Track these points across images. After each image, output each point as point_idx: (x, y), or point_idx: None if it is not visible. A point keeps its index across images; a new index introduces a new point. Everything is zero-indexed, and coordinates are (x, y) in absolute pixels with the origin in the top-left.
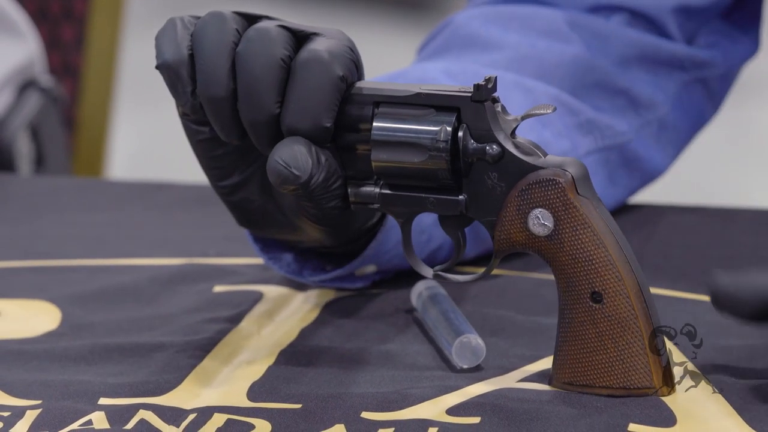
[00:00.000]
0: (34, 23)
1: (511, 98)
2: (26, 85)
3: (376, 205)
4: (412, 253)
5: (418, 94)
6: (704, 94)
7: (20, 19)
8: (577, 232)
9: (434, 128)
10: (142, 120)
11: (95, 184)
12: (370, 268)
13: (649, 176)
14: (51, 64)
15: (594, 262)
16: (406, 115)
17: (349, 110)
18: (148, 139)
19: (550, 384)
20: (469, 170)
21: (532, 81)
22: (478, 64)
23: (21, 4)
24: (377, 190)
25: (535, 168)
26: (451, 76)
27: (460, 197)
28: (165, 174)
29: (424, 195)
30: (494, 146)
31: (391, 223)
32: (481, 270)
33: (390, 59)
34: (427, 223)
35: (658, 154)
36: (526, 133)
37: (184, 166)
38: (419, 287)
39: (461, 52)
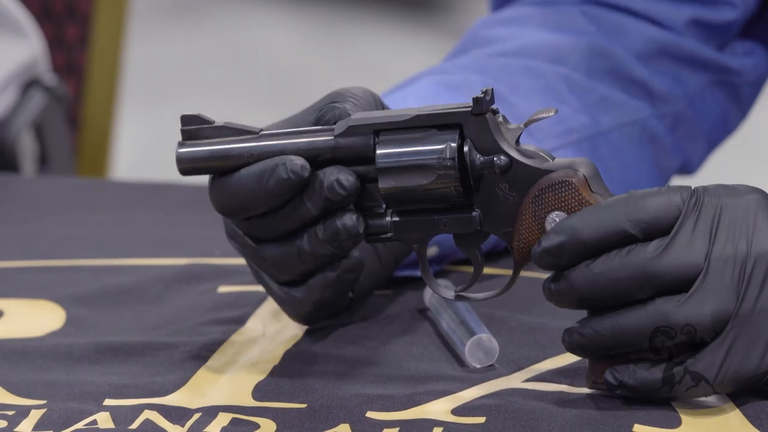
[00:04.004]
0: (38, 22)
1: (520, 83)
2: (30, 84)
3: (388, 234)
4: (431, 276)
5: (418, 116)
6: (730, 98)
7: (23, 17)
8: None
9: (439, 146)
10: (147, 119)
11: (99, 184)
12: (432, 250)
13: (670, 159)
14: (55, 63)
15: None
16: (408, 139)
17: (350, 143)
18: (153, 138)
19: (587, 386)
20: (479, 185)
21: (542, 64)
22: (485, 56)
23: (24, 3)
24: (388, 219)
25: (546, 172)
26: (447, 87)
27: (474, 213)
28: (170, 173)
29: (436, 217)
30: (501, 157)
31: None
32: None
33: (397, 60)
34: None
35: (673, 143)
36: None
37: None
38: None
39: (478, 51)
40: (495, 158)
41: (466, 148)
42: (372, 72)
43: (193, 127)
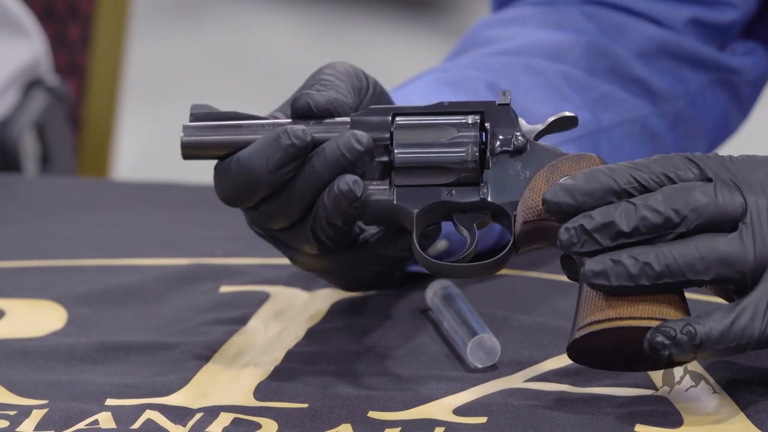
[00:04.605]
0: (40, 22)
1: (521, 80)
2: (32, 85)
3: (389, 198)
4: (419, 250)
5: (441, 104)
6: (730, 97)
7: (25, 18)
8: None
9: (460, 117)
10: (148, 119)
11: (101, 184)
12: (442, 244)
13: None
14: (57, 63)
15: None
16: (428, 120)
17: (366, 121)
18: (154, 138)
19: (570, 341)
20: (492, 163)
21: (542, 61)
22: (485, 55)
23: (27, 3)
24: (393, 190)
25: (561, 154)
26: (448, 84)
27: (481, 184)
28: (171, 173)
29: (441, 187)
30: (519, 137)
31: None
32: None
33: (397, 60)
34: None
35: (674, 141)
36: (543, 105)
37: (191, 166)
38: (434, 287)
39: (478, 51)
40: (513, 137)
41: (487, 129)
42: (372, 72)
43: (203, 112)
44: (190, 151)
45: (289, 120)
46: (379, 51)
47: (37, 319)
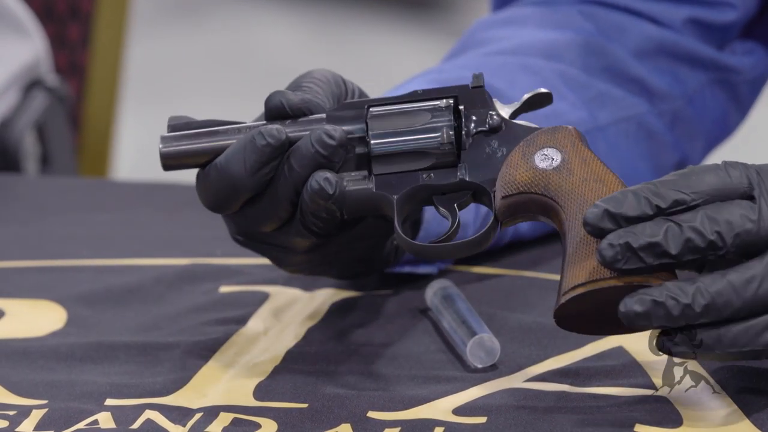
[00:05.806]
0: (41, 22)
1: (517, 81)
2: (32, 85)
3: (369, 186)
4: (400, 230)
5: (414, 92)
6: (729, 97)
7: (26, 18)
8: (587, 163)
9: (434, 102)
10: (148, 119)
11: (101, 184)
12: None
13: (669, 155)
14: (57, 64)
15: (605, 182)
16: (403, 108)
17: (341, 116)
18: (154, 139)
19: (556, 306)
20: (468, 144)
21: (538, 61)
22: (482, 55)
23: (27, 3)
24: (371, 176)
25: (536, 129)
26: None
27: (459, 165)
28: (171, 173)
29: (419, 171)
30: (494, 116)
31: None
32: (477, 268)
33: (397, 60)
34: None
35: (672, 140)
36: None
37: None
38: (434, 287)
39: (475, 51)
40: (488, 117)
41: (461, 112)
42: (372, 72)
43: (181, 123)
44: (170, 161)
45: (265, 122)
46: (379, 51)
47: (37, 319)
